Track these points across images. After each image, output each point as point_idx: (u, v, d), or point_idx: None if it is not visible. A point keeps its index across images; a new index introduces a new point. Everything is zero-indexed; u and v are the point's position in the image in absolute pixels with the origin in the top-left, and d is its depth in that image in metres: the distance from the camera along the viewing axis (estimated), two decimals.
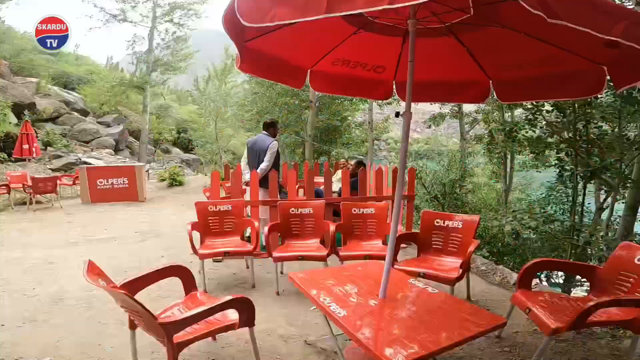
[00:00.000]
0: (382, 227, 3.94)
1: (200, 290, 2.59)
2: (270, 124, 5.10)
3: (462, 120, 15.54)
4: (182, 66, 23.32)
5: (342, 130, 15.11)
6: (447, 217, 3.50)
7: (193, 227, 3.90)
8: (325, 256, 3.50)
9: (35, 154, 9.60)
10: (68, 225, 6.93)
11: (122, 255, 5.02)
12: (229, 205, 4.18)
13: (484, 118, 12.75)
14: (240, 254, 3.87)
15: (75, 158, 15.03)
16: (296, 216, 4.03)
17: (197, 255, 3.64)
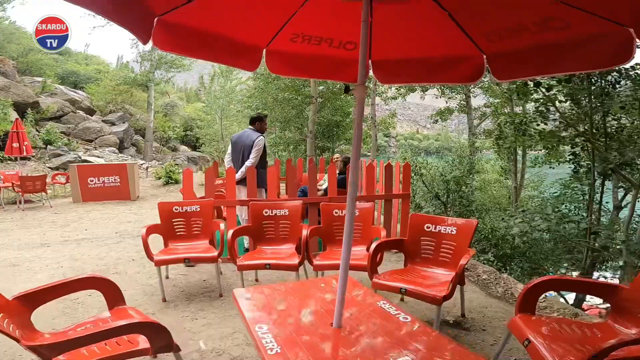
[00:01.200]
0: (367, 232, 3.47)
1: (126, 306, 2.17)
2: (257, 118, 4.70)
3: (470, 114, 14.86)
4: (185, 64, 23.05)
5: (344, 126, 14.59)
6: (438, 222, 3.01)
7: (153, 230, 3.51)
8: (296, 265, 3.06)
9: (26, 152, 9.38)
10: (49, 225, 6.64)
11: (90, 257, 4.68)
12: (197, 206, 3.77)
13: (493, 111, 12.08)
14: (203, 261, 3.45)
15: (75, 156, 14.90)
16: (270, 218, 3.59)
17: (152, 261, 3.24)
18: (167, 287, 3.60)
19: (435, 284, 2.66)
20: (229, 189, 4.29)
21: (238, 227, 3.50)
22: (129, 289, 3.60)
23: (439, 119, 16.34)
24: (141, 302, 3.29)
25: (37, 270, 4.24)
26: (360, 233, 3.48)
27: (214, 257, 3.28)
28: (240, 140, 4.60)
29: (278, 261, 3.13)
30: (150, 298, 3.39)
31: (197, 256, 3.33)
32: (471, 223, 2.92)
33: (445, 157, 16.31)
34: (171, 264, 3.44)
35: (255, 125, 4.64)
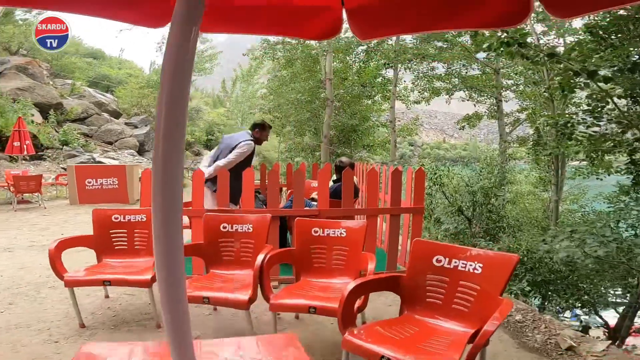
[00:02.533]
0: (355, 259, 2.55)
1: None
2: (259, 124, 3.99)
3: (501, 119, 13.51)
4: (206, 67, 22.97)
5: (362, 131, 13.65)
6: (455, 253, 2.02)
7: (78, 242, 2.78)
8: (246, 302, 2.18)
9: (27, 152, 9.10)
10: (29, 228, 6.14)
11: (41, 266, 4.03)
12: (143, 215, 2.99)
13: (529, 115, 10.77)
14: (130, 284, 2.65)
15: (89, 157, 14.79)
16: (229, 235, 2.74)
17: (63, 281, 2.49)
18: (99, 309, 2.93)
19: (442, 348, 1.69)
20: (195, 195, 3.50)
21: (192, 243, 2.66)
22: (49, 307, 2.96)
23: (466, 125, 15.07)
24: (54, 325, 2.66)
25: None
26: (344, 260, 2.56)
27: (145, 281, 2.48)
28: (227, 140, 3.98)
29: (221, 294, 2.26)
30: (70, 321, 2.70)
31: (123, 279, 2.53)
32: (508, 259, 1.91)
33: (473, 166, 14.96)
34: (86, 285, 2.67)
35: (254, 132, 3.94)
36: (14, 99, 15.94)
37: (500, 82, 13.17)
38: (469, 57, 12.67)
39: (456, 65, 13.05)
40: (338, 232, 2.60)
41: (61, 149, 15.20)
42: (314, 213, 3.55)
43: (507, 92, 14.07)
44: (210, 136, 30.54)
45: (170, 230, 0.84)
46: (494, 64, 12.97)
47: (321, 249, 2.61)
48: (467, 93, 14.13)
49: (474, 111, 14.66)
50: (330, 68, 12.34)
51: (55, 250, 2.54)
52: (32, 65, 19.85)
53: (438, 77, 13.68)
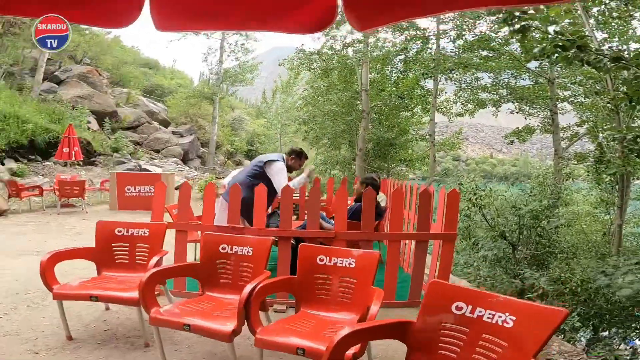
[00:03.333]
0: (364, 293, 2.18)
1: None
2: (295, 152, 3.85)
3: (557, 134, 12.32)
4: (248, 78, 23.61)
5: (399, 145, 13.08)
6: (481, 300, 1.60)
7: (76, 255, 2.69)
8: (228, 334, 1.90)
9: (75, 158, 9.67)
10: (63, 233, 6.40)
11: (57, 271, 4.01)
12: (146, 230, 2.85)
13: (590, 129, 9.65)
14: (117, 301, 2.49)
15: (135, 165, 15.58)
16: (227, 257, 2.50)
17: (52, 293, 2.41)
18: (95, 321, 2.85)
19: None
20: (231, 210, 3.32)
21: (170, 266, 2.44)
22: (48, 315, 2.92)
23: (515, 140, 13.97)
24: (42, 335, 2.60)
25: None
26: (350, 294, 2.20)
27: (133, 299, 2.29)
28: (257, 158, 3.89)
29: (204, 323, 2.00)
30: (60, 332, 2.60)
31: (110, 295, 2.39)
32: (551, 314, 1.45)
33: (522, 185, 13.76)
34: (74, 300, 2.54)
35: (289, 157, 3.80)
36: (73, 106, 17.27)
37: (555, 93, 12.07)
38: (518, 66, 11.77)
39: (504, 75, 12.17)
40: (347, 261, 2.26)
41: (112, 155, 16.19)
42: (329, 235, 3.23)
43: (564, 103, 12.88)
44: (250, 146, 31.30)
45: None
46: (547, 73, 11.94)
47: (326, 279, 2.28)
48: (516, 105, 13.12)
49: (525, 124, 13.56)
50: (367, 79, 12.02)
51: (47, 263, 2.46)
52: (93, 74, 21.44)
53: (483, 88, 12.83)
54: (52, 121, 14.51)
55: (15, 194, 8.01)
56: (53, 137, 13.58)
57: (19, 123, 12.38)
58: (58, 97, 17.42)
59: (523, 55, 11.62)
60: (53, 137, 13.58)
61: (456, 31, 11.56)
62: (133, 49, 38.25)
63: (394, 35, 12.34)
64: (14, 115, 12.40)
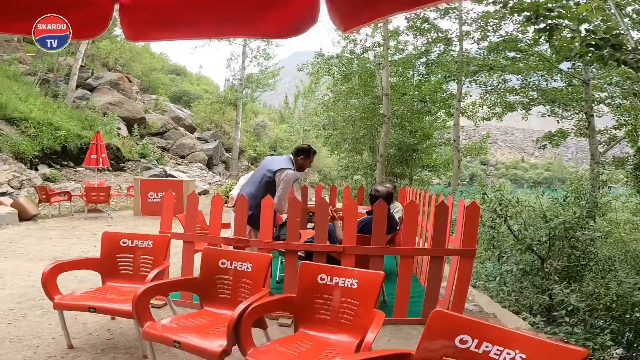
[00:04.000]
0: (366, 316, 2.02)
1: None
2: (303, 150, 3.59)
3: (593, 137, 11.57)
4: (270, 83, 23.86)
5: (422, 150, 12.73)
6: (488, 334, 1.42)
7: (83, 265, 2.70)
8: (218, 354, 1.80)
9: (102, 164, 10.02)
10: (87, 238, 6.58)
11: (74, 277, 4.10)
12: (150, 242, 2.82)
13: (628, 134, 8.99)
14: (114, 313, 2.48)
15: (161, 170, 16.02)
16: (226, 272, 2.41)
17: (53, 302, 2.43)
18: (99, 330, 2.85)
19: None
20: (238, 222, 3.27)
21: (169, 280, 2.37)
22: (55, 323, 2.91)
23: (547, 144, 13.27)
24: (45, 343, 2.62)
25: (8, 286, 3.88)
26: (352, 316, 2.06)
27: (127, 312, 2.26)
28: (266, 163, 3.64)
29: (194, 340, 1.91)
30: (63, 340, 2.59)
31: (107, 307, 2.37)
32: (567, 354, 1.26)
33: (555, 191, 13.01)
34: (73, 310, 2.53)
35: (298, 158, 3.54)
36: (104, 112, 18.01)
37: (590, 95, 11.36)
38: (549, 67, 11.19)
39: (534, 77, 11.60)
40: (349, 282, 2.11)
41: (139, 161, 16.75)
42: (337, 250, 3.09)
43: (600, 105, 12.11)
44: (273, 151, 31.61)
45: None
46: (581, 74, 11.27)
47: (327, 299, 2.14)
48: (548, 108, 12.46)
49: (558, 128, 12.85)
50: (387, 83, 11.79)
51: (49, 274, 2.46)
52: (123, 80, 22.30)
53: (511, 90, 12.29)
54: (84, 127, 15.18)
55: (45, 199, 8.36)
56: (85, 143, 14.19)
57: (53, 130, 13.00)
58: (90, 104, 18.24)
59: (554, 56, 11.06)
60: (85, 144, 14.19)
61: (480, 32, 11.15)
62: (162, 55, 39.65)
63: (415, 38, 12.06)
64: (48, 122, 13.03)
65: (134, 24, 1.27)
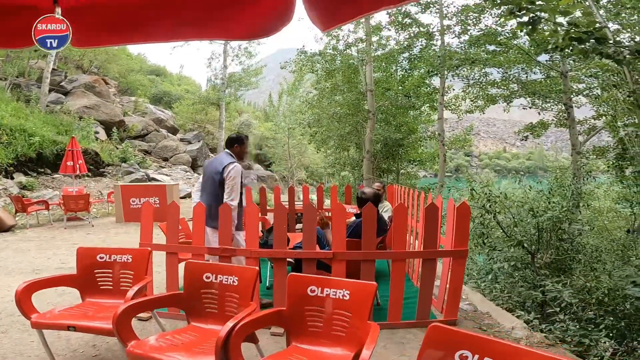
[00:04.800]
0: (360, 328, 1.94)
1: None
2: (236, 139, 3.49)
3: (573, 128, 11.81)
4: (253, 81, 23.54)
5: (408, 145, 12.76)
6: (488, 348, 1.36)
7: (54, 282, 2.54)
8: None
9: (80, 171, 9.64)
10: (66, 248, 6.30)
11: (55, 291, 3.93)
12: (129, 256, 2.68)
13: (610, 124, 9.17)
14: (94, 332, 2.33)
15: (143, 174, 15.60)
16: (210, 286, 2.29)
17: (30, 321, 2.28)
18: (84, 347, 2.73)
19: None
20: (196, 230, 3.14)
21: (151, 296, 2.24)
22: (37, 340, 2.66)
23: (529, 135, 13.52)
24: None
25: None
26: (345, 328, 1.97)
27: (108, 330, 2.12)
28: (211, 167, 3.46)
29: (182, 358, 1.80)
30: (42, 357, 2.50)
31: (86, 325, 2.24)
32: None
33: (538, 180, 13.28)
34: (52, 329, 2.39)
35: (232, 149, 3.44)
36: (80, 117, 17.41)
37: (569, 86, 11.59)
38: (528, 60, 11.34)
39: (514, 70, 11.75)
40: (340, 293, 2.03)
41: (120, 165, 16.26)
42: (327, 256, 3.00)
43: (579, 97, 12.36)
44: (259, 150, 31.23)
45: None
46: (559, 66, 11.47)
47: (318, 312, 2.05)
48: (528, 100, 12.65)
49: (539, 119, 13.08)
50: (371, 78, 11.74)
51: (23, 292, 2.31)
52: (99, 83, 21.59)
53: (492, 84, 12.43)
54: (59, 133, 14.64)
55: (22, 209, 8.01)
56: (61, 149, 13.68)
57: (26, 136, 12.48)
58: (65, 108, 17.60)
59: (532, 49, 11.20)
60: (61, 150, 13.68)
61: (460, 26, 11.20)
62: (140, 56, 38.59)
63: (397, 33, 12.04)
64: (21, 129, 12.50)
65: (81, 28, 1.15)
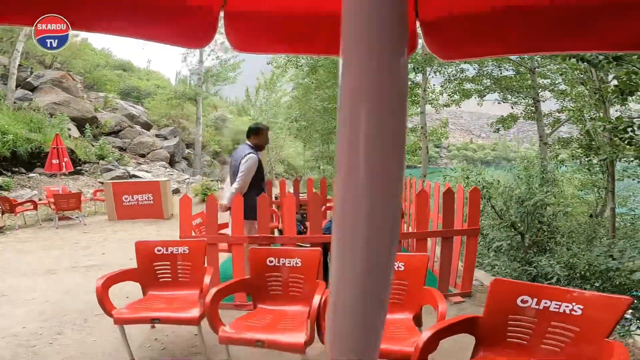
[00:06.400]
0: (415, 292, 2.32)
1: None
2: (253, 130, 3.73)
3: (540, 120, 12.82)
4: (231, 76, 23.30)
5: None
6: (545, 294, 1.77)
7: (123, 277, 2.71)
8: (301, 345, 1.99)
9: (66, 169, 9.39)
10: (71, 247, 6.27)
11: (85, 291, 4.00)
12: (186, 247, 2.89)
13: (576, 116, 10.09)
14: (177, 322, 2.56)
15: (123, 171, 15.23)
16: (275, 269, 2.58)
17: (112, 318, 2.43)
18: (146, 341, 2.84)
19: None
20: (235, 221, 3.38)
21: (225, 283, 2.50)
22: (98, 337, 2.90)
23: (501, 127, 14.49)
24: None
25: (18, 305, 3.69)
26: (401, 294, 2.34)
27: (193, 319, 2.36)
28: (232, 159, 3.71)
29: (275, 337, 2.09)
30: (120, 355, 2.61)
31: (170, 316, 2.44)
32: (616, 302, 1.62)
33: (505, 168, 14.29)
34: (135, 323, 2.58)
35: (251, 140, 3.66)
36: (51, 113, 16.62)
37: (536, 82, 12.54)
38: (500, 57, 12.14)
39: (489, 67, 12.54)
40: (395, 265, 2.38)
41: (98, 163, 15.75)
42: None
43: (545, 92, 13.39)
44: (236, 145, 30.97)
45: None
46: (527, 63, 12.38)
47: None
48: (500, 94, 13.54)
49: (509, 113, 14.04)
50: None
51: (102, 288, 2.46)
52: (67, 78, 20.59)
53: (467, 79, 13.21)
54: (31, 130, 13.97)
55: (9, 210, 7.76)
56: (35, 147, 13.11)
57: None
58: (34, 105, 16.73)
59: None
60: (35, 147, 13.11)
61: None
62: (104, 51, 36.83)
63: None
64: None
65: (241, 33, 1.37)
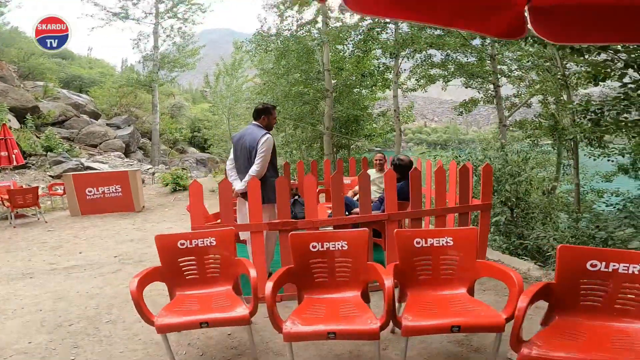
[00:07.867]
0: (467, 267, 2.37)
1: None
2: (263, 109, 3.55)
3: (500, 104, 13.61)
4: (189, 63, 22.11)
5: (364, 121, 13.51)
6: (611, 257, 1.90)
7: (150, 277, 2.46)
8: (376, 331, 1.95)
9: (16, 162, 8.40)
10: (38, 247, 5.65)
11: (79, 295, 3.68)
12: (213, 238, 2.67)
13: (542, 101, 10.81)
14: (229, 324, 2.38)
15: (77, 163, 13.97)
16: (320, 254, 2.48)
17: (154, 326, 2.18)
18: (180, 347, 2.58)
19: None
20: (253, 206, 3.20)
21: (274, 275, 2.33)
22: (123, 348, 2.61)
23: (463, 111, 15.20)
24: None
25: (9, 315, 3.25)
26: (454, 269, 2.38)
27: (244, 318, 2.21)
28: (243, 140, 3.49)
29: (344, 326, 2.01)
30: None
31: (221, 317, 2.25)
32: None
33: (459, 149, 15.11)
34: (182, 330, 2.36)
35: (260, 120, 3.50)
36: None
37: (497, 68, 13.25)
38: (465, 44, 12.63)
39: (457, 53, 13.02)
40: (443, 240, 2.41)
41: (45, 155, 14.28)
42: (383, 217, 3.34)
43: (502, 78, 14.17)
44: (195, 133, 29.61)
45: None
46: (488, 49, 13.03)
47: (426, 260, 2.41)
48: (463, 80, 14.14)
49: (470, 97, 14.72)
50: (328, 59, 12.05)
51: (137, 292, 2.19)
52: (2, 67, 18.46)
53: (434, 65, 13.64)
54: None
55: None
56: None
57: None
58: None
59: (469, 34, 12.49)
60: None
61: None
62: None
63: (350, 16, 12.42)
64: None
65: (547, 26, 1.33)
